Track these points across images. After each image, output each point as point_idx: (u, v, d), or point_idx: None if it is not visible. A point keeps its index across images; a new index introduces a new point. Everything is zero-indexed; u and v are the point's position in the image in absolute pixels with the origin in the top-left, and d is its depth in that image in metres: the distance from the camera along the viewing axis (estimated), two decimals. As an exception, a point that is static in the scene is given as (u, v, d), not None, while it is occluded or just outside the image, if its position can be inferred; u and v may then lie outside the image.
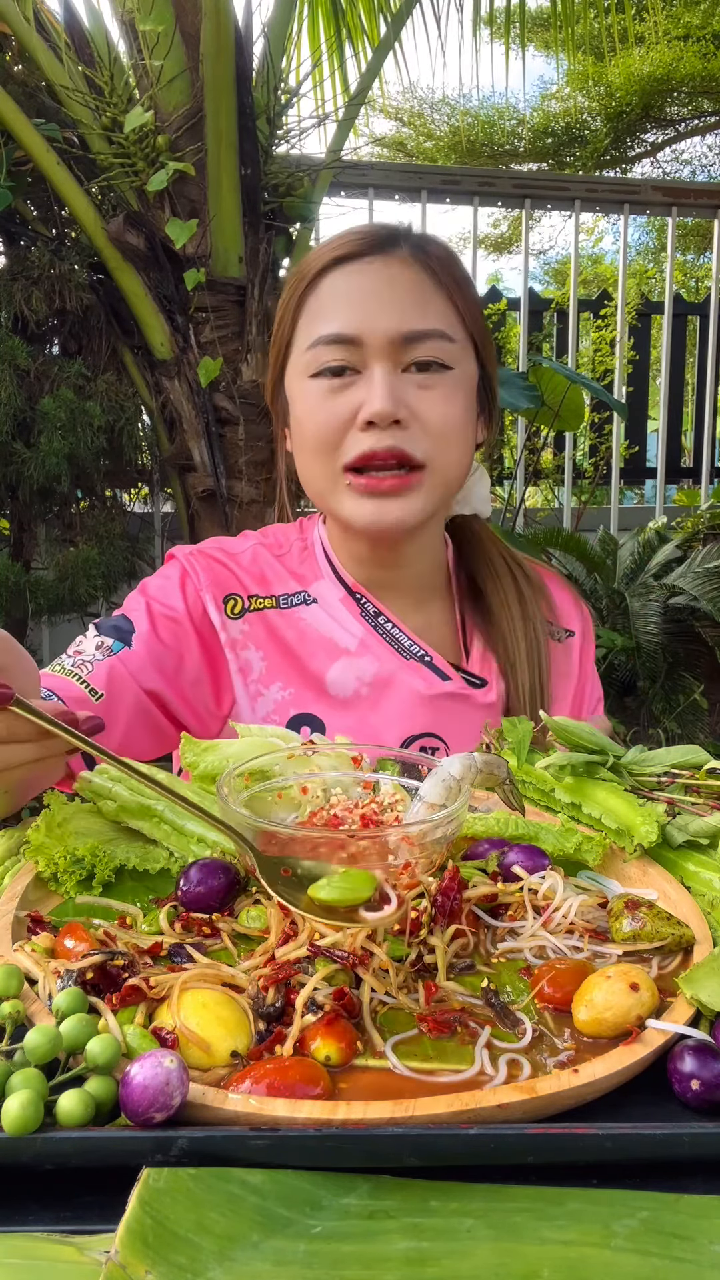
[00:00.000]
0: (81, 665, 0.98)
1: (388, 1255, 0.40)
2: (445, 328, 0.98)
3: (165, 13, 2.43)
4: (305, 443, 1.01)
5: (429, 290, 0.99)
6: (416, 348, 0.96)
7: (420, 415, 0.97)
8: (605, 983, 0.54)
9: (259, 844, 0.64)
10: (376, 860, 0.63)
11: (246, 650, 1.06)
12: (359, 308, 0.97)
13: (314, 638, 1.07)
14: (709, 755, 0.83)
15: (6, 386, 2.42)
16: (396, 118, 11.89)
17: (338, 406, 0.97)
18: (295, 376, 1.02)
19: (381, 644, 1.07)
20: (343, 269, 0.99)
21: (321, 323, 0.98)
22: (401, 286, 0.97)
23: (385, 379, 0.95)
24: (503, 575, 1.13)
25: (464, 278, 1.03)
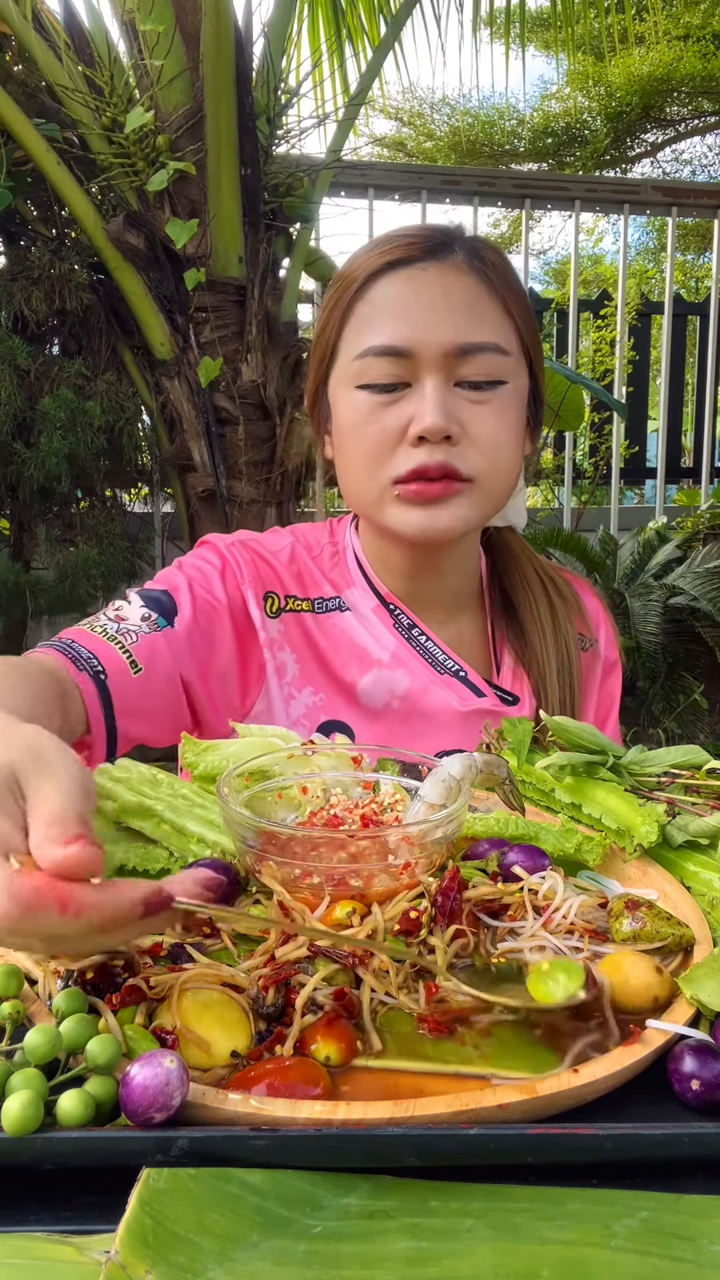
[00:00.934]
0: (126, 633, 0.93)
1: (388, 1255, 0.40)
2: (500, 340, 0.95)
3: (165, 13, 2.43)
4: (351, 455, 0.98)
5: (484, 300, 0.95)
6: (470, 361, 0.93)
7: (471, 431, 0.94)
8: (633, 956, 0.56)
9: (259, 844, 0.64)
10: (376, 860, 0.63)
11: (282, 651, 1.03)
12: (411, 318, 0.93)
13: (346, 645, 1.04)
14: (709, 755, 0.83)
15: (6, 386, 2.42)
16: (396, 118, 11.89)
17: (387, 420, 0.94)
18: (341, 384, 0.99)
19: (415, 657, 1.04)
20: (395, 275, 0.95)
21: (371, 332, 0.95)
22: (456, 296, 0.94)
23: (437, 393, 0.92)
24: (535, 590, 1.11)
25: (518, 285, 0.99)
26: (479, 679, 1.05)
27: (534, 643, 1.09)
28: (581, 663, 1.11)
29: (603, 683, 1.15)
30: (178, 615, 0.98)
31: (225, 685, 1.01)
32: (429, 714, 1.02)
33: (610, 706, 1.16)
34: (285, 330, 2.66)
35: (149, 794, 0.76)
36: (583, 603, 1.15)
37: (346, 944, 0.56)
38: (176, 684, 0.96)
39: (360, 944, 0.56)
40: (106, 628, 0.94)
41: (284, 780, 0.78)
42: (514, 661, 1.10)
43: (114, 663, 0.90)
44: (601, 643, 1.16)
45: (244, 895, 0.66)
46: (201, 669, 0.99)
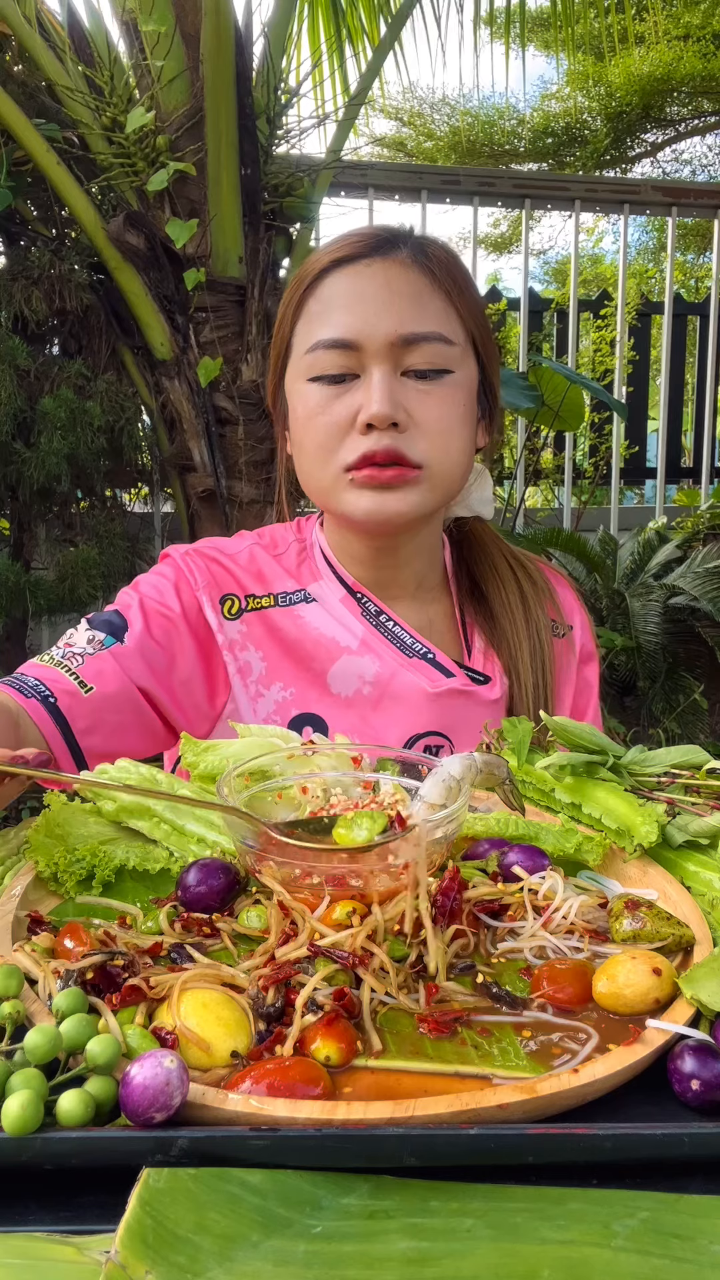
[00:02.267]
0: (72, 658, 0.97)
1: (388, 1255, 0.40)
2: (444, 330, 0.98)
3: (165, 13, 2.43)
4: (305, 446, 1.01)
5: (428, 292, 0.98)
6: (415, 350, 0.96)
7: (418, 418, 0.97)
8: (630, 962, 0.56)
9: (259, 844, 0.64)
10: (377, 860, 0.63)
11: (246, 651, 1.05)
12: (357, 311, 0.97)
13: (314, 636, 1.06)
14: (709, 755, 0.83)
15: (6, 386, 2.42)
16: (396, 118, 11.89)
17: (337, 410, 0.97)
18: (294, 378, 1.02)
19: (383, 642, 1.06)
20: (342, 271, 0.99)
21: (320, 326, 0.98)
22: (400, 289, 0.97)
23: (383, 382, 0.95)
24: (505, 576, 1.13)
25: (465, 280, 1.02)
26: (448, 660, 1.07)
27: (504, 626, 1.11)
28: (555, 649, 1.13)
29: (579, 670, 1.16)
30: (128, 631, 1.02)
31: (191, 691, 1.04)
32: (399, 697, 1.04)
33: (589, 695, 1.17)
34: (284, 330, 2.66)
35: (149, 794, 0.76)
36: (556, 592, 1.17)
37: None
38: (134, 696, 0.99)
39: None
40: (53, 655, 0.98)
41: (284, 780, 0.78)
42: (484, 644, 1.12)
43: (61, 685, 0.94)
44: (577, 631, 1.17)
45: (244, 895, 0.66)
46: (160, 678, 1.02)
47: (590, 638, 1.20)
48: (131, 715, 0.99)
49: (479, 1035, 0.53)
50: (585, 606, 1.22)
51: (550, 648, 1.11)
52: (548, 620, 1.13)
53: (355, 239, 1.00)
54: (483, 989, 0.57)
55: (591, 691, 1.18)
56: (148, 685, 1.00)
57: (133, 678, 0.99)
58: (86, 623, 1.03)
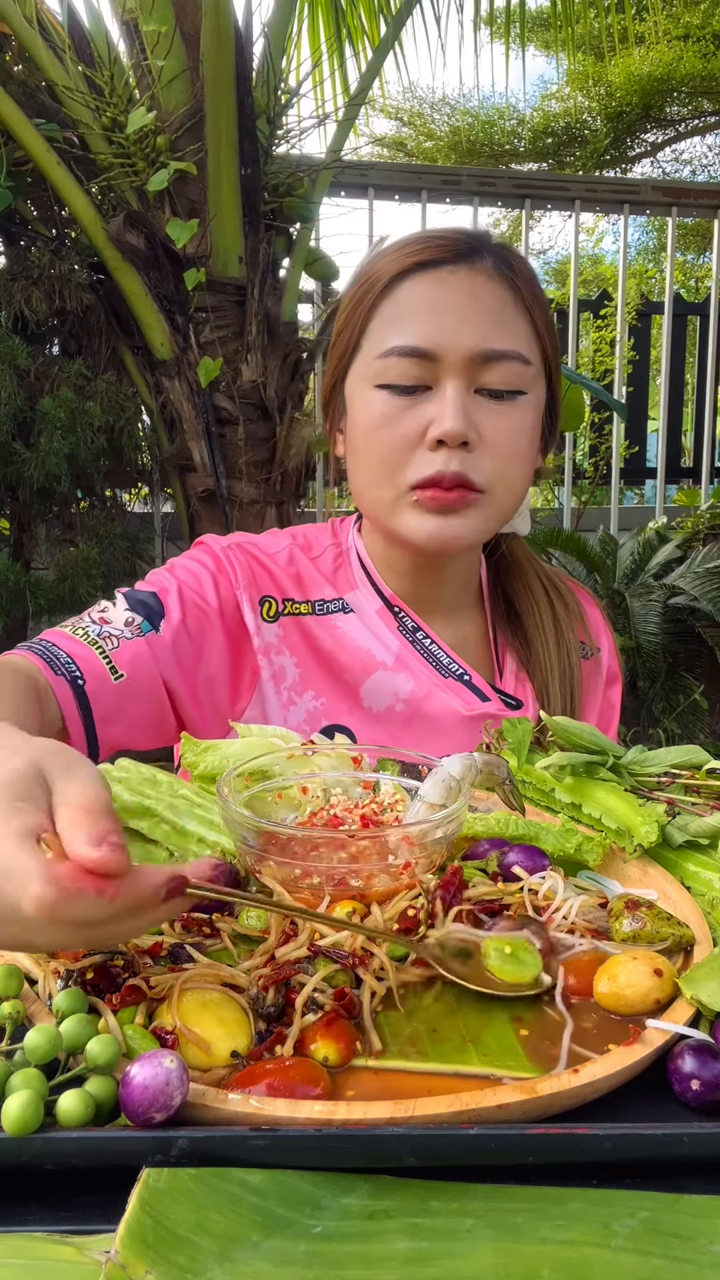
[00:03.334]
0: (107, 638, 0.92)
1: (388, 1255, 0.40)
2: (524, 350, 0.94)
3: (165, 13, 2.43)
4: (367, 457, 0.97)
5: (511, 308, 0.95)
6: (493, 369, 0.93)
7: (488, 439, 0.93)
8: (631, 963, 0.56)
9: (259, 844, 0.64)
10: (376, 860, 0.63)
11: (281, 656, 1.02)
12: (438, 320, 0.92)
13: (350, 648, 1.03)
14: (709, 755, 0.83)
15: (6, 386, 2.42)
16: (396, 118, 11.89)
17: (405, 422, 0.93)
18: (360, 382, 0.97)
19: (419, 660, 1.04)
20: (423, 275, 0.94)
21: (396, 331, 0.94)
22: (484, 301, 0.93)
23: (458, 397, 0.91)
24: (539, 597, 1.11)
25: (544, 297, 0.99)
26: (483, 683, 1.05)
27: (537, 648, 1.08)
28: (583, 670, 1.10)
29: (605, 692, 1.14)
30: (164, 619, 0.97)
31: (213, 690, 1.00)
32: (432, 718, 1.01)
33: (611, 716, 1.15)
34: (285, 330, 2.66)
35: (149, 794, 0.76)
36: (585, 612, 1.15)
37: (356, 932, 0.57)
38: (160, 690, 0.96)
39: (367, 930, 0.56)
40: (89, 630, 0.93)
41: (284, 780, 0.78)
42: (517, 666, 1.09)
43: (93, 668, 0.89)
44: (604, 652, 1.15)
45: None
46: (187, 674, 0.98)
47: (616, 659, 1.18)
48: (152, 709, 0.95)
49: (479, 1030, 0.53)
50: (611, 626, 1.20)
51: (579, 671, 1.09)
52: (577, 642, 1.10)
53: (439, 241, 0.95)
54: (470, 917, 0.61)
55: (614, 713, 1.16)
56: (173, 680, 0.96)
57: (161, 671, 0.95)
58: (124, 599, 0.98)
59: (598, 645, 1.15)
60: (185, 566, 1.04)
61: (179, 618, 0.98)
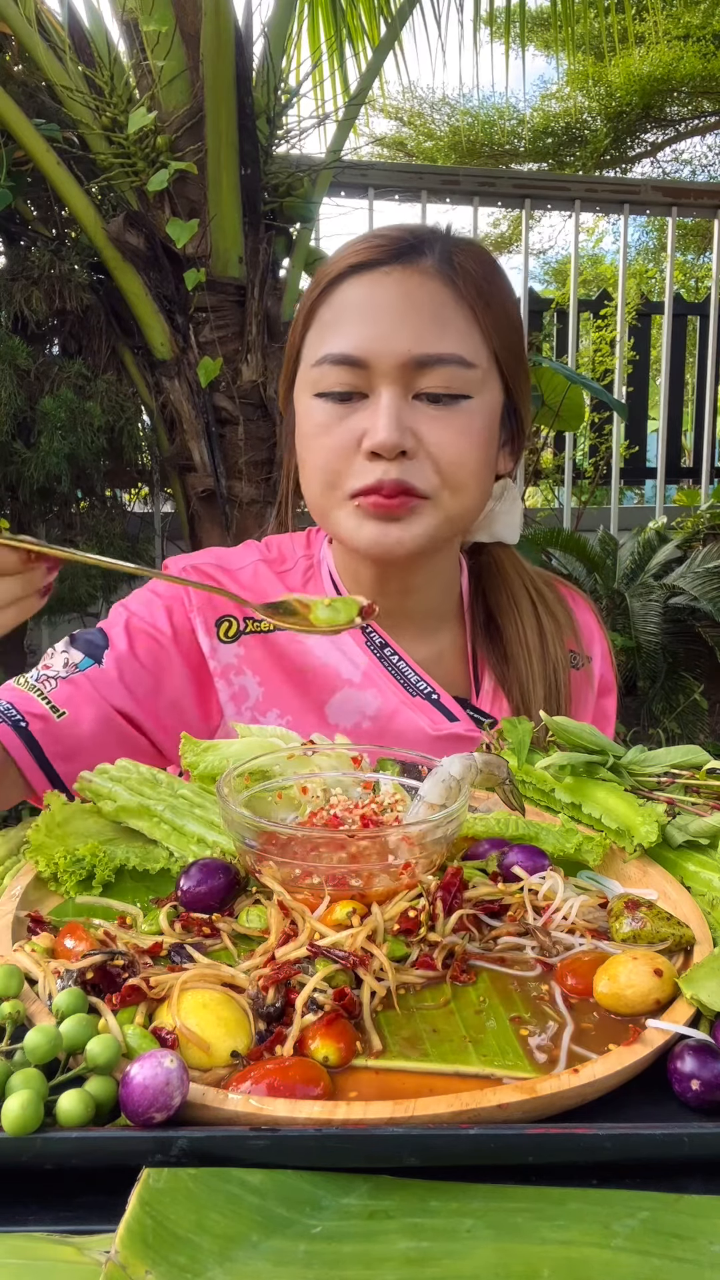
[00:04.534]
0: (45, 681, 0.94)
1: (388, 1255, 0.40)
2: (464, 352, 0.90)
3: (166, 13, 2.43)
4: (309, 466, 0.96)
5: (450, 307, 0.91)
6: (429, 373, 0.89)
7: (429, 445, 0.90)
8: (631, 963, 0.56)
9: (259, 844, 0.64)
10: (376, 860, 0.63)
11: (242, 676, 1.01)
12: (369, 325, 0.89)
13: (315, 665, 1.01)
14: (709, 755, 0.83)
15: (6, 386, 2.42)
16: (396, 118, 11.89)
17: (342, 432, 0.91)
18: (302, 390, 0.96)
19: (386, 677, 1.01)
20: (358, 278, 0.92)
21: (330, 338, 0.92)
22: (418, 303, 0.89)
23: (392, 406, 0.88)
24: (523, 609, 1.06)
25: (497, 293, 0.94)
26: (452, 702, 1.02)
27: (519, 665, 1.04)
28: (572, 682, 1.07)
29: (597, 703, 1.11)
30: (108, 651, 0.98)
31: (181, 713, 1.00)
32: (399, 736, 0.99)
33: (605, 727, 1.12)
34: (285, 330, 2.66)
35: (149, 794, 0.76)
36: (576, 620, 1.11)
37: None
38: (112, 719, 0.95)
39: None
40: (29, 678, 0.95)
41: (284, 780, 0.78)
42: (494, 684, 1.06)
43: (33, 709, 0.91)
44: (596, 661, 1.12)
45: (244, 895, 0.66)
46: (143, 701, 0.97)
47: (610, 668, 1.14)
48: (113, 738, 0.95)
49: (480, 1025, 0.53)
50: (606, 631, 1.16)
51: (567, 687, 1.06)
52: (566, 656, 1.06)
53: (377, 242, 0.92)
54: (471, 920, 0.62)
55: (608, 723, 1.13)
56: (127, 709, 0.96)
57: (110, 701, 0.95)
58: (68, 641, 1.00)
59: (589, 654, 1.11)
60: (140, 597, 1.04)
61: (125, 648, 0.98)
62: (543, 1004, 0.56)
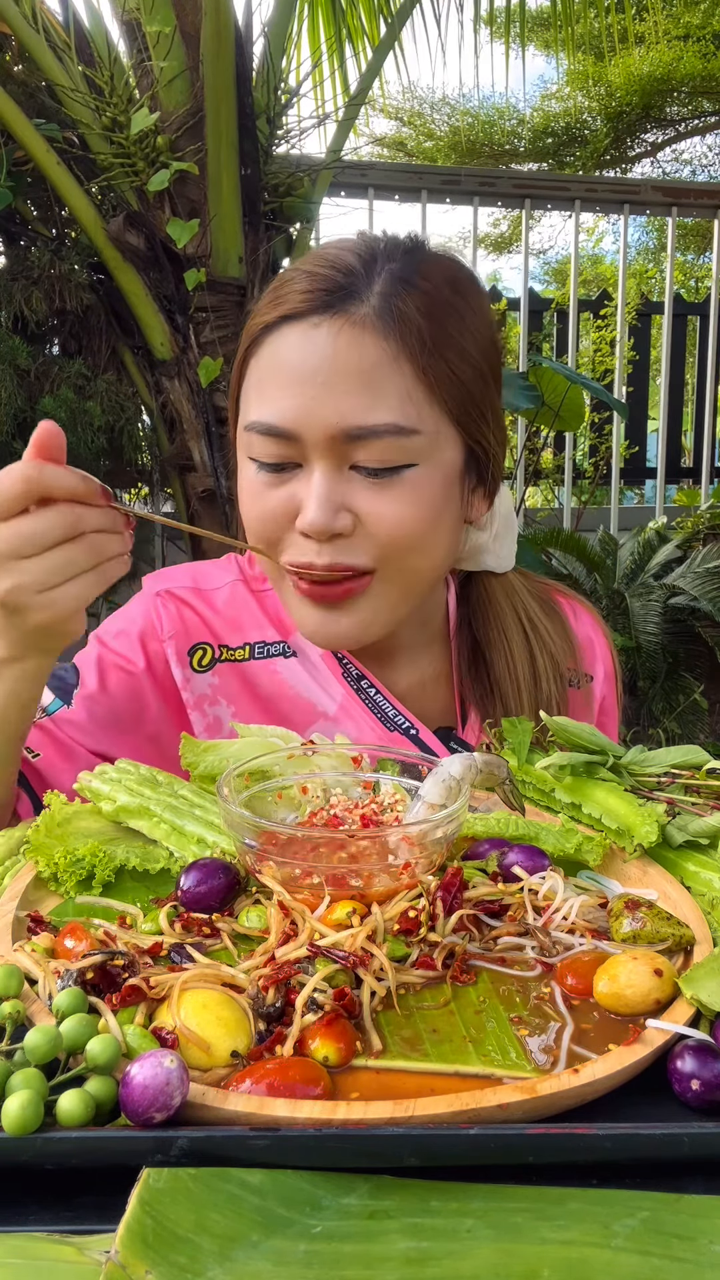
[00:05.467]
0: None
1: (388, 1255, 0.40)
2: (401, 420, 0.80)
3: (166, 13, 2.43)
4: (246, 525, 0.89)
5: (387, 365, 0.80)
6: (363, 446, 0.80)
7: (368, 521, 0.82)
8: (631, 963, 0.56)
9: (259, 844, 0.64)
10: (376, 860, 0.63)
11: (216, 706, 0.96)
12: (294, 395, 0.80)
13: (291, 696, 0.97)
14: (709, 755, 0.83)
15: (6, 386, 2.42)
16: (396, 118, 11.89)
17: (274, 502, 0.84)
18: (240, 446, 0.89)
19: (364, 711, 0.96)
20: (286, 331, 0.82)
21: (258, 403, 0.84)
22: (347, 367, 0.79)
23: (322, 484, 0.81)
24: (515, 643, 0.99)
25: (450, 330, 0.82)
26: (431, 737, 0.97)
27: (507, 701, 0.98)
28: (570, 701, 1.02)
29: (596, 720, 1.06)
30: (78, 691, 0.94)
31: (161, 747, 0.94)
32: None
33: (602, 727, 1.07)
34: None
35: (149, 794, 0.76)
36: (577, 639, 1.05)
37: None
38: (83, 759, 0.91)
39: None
40: None
41: (284, 780, 0.78)
42: (479, 719, 1.00)
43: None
44: (598, 682, 1.06)
45: (244, 895, 0.66)
46: (117, 739, 0.94)
47: (613, 688, 1.08)
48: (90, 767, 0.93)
49: (480, 1024, 0.53)
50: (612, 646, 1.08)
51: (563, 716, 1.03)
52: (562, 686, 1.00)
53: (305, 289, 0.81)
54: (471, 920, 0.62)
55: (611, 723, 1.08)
56: (100, 749, 0.92)
57: (80, 741, 0.91)
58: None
59: (590, 674, 1.05)
60: (113, 625, 1.00)
61: (95, 686, 0.95)
62: (543, 1004, 0.56)
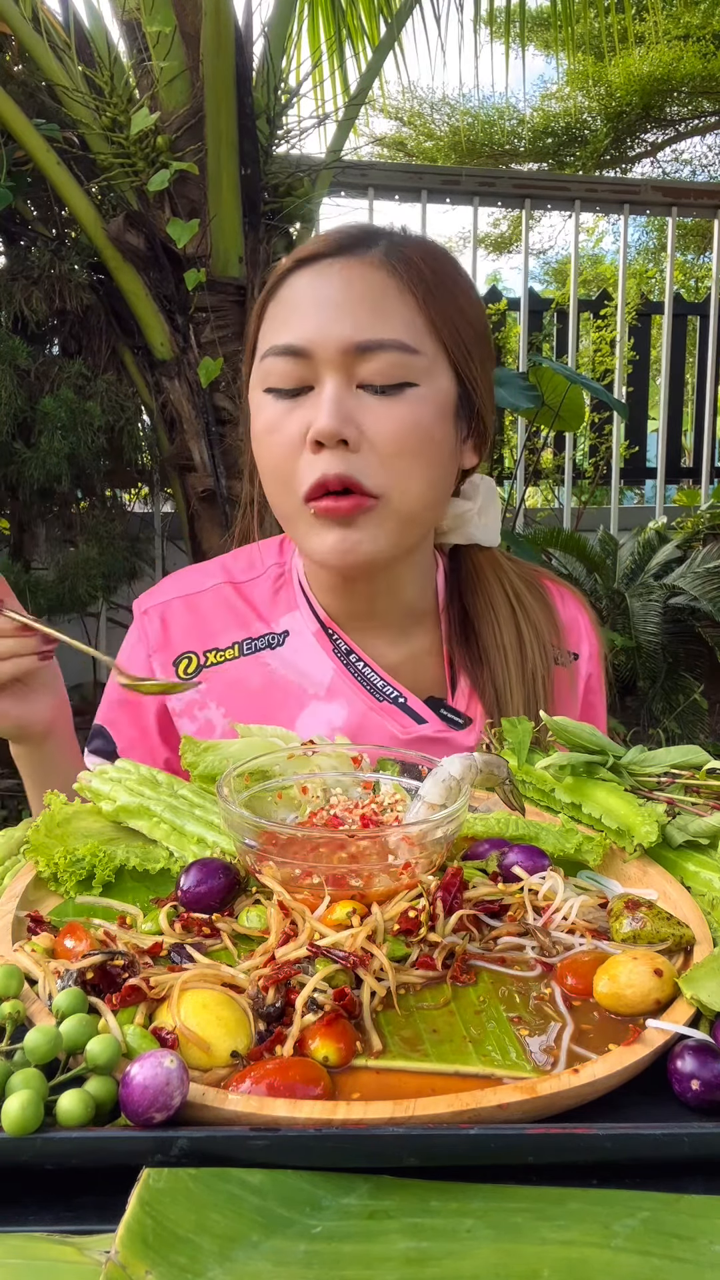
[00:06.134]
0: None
1: (388, 1255, 0.40)
2: (406, 338, 0.88)
3: (166, 13, 2.43)
4: (263, 468, 0.95)
5: (392, 295, 0.89)
6: (371, 360, 0.88)
7: (372, 436, 0.88)
8: (631, 963, 0.56)
9: (259, 844, 0.64)
10: (376, 860, 0.63)
11: (205, 710, 1.01)
12: (312, 317, 0.89)
13: (281, 684, 1.00)
14: (709, 755, 0.83)
15: (6, 386, 2.42)
16: (396, 118, 11.89)
17: (289, 428, 0.90)
18: (254, 387, 0.95)
19: (353, 685, 1.00)
20: (305, 272, 0.92)
21: (276, 331, 0.91)
22: (359, 291, 0.89)
23: (333, 394, 0.87)
24: (501, 615, 1.04)
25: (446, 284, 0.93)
26: (420, 704, 1.00)
27: (495, 670, 1.02)
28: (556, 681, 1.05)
29: (584, 699, 1.09)
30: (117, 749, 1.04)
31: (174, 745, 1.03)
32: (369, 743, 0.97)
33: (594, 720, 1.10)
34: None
35: (148, 794, 0.76)
36: (561, 618, 1.09)
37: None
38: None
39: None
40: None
41: (284, 780, 0.78)
42: (470, 684, 1.04)
43: None
44: (583, 660, 1.09)
45: (244, 895, 0.66)
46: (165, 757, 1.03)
47: (599, 666, 1.11)
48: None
49: (482, 1024, 0.53)
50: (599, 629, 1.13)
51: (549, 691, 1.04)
52: (548, 660, 1.04)
53: (324, 237, 0.94)
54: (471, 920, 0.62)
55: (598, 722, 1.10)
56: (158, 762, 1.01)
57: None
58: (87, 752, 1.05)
59: (575, 651, 1.09)
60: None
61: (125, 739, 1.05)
62: (543, 1004, 0.56)
